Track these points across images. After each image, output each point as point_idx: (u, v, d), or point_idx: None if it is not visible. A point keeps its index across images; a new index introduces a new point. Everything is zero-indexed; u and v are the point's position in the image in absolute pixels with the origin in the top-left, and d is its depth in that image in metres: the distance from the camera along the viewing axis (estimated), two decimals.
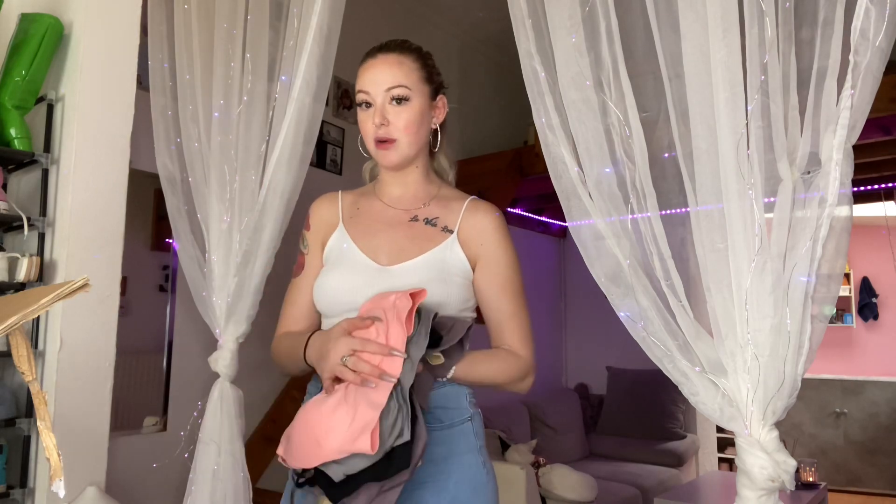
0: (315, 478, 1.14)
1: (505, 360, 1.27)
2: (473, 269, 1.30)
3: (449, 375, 1.20)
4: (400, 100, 1.27)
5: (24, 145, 1.97)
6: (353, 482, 1.09)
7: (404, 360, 1.10)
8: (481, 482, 1.21)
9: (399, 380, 1.10)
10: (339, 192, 1.43)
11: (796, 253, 1.16)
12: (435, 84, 1.35)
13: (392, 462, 1.09)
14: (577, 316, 5.82)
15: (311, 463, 1.12)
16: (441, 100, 1.36)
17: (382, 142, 1.28)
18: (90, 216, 1.96)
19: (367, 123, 1.29)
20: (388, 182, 1.37)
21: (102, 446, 1.96)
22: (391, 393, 1.09)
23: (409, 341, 1.12)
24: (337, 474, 1.09)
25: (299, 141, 1.83)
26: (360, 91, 1.30)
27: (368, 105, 1.29)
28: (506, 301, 1.30)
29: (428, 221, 1.31)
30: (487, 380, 1.25)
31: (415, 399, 1.12)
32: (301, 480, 1.16)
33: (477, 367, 1.23)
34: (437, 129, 1.37)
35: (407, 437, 1.08)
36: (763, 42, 1.16)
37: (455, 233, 1.30)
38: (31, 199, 2.03)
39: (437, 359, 1.18)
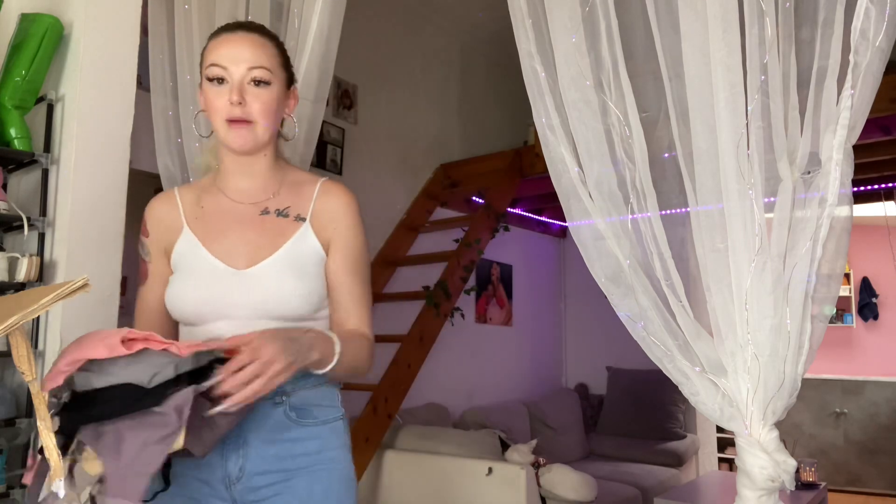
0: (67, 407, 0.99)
1: (364, 347, 1.25)
2: (327, 254, 1.27)
3: (335, 361, 1.15)
4: (260, 82, 1.20)
5: (24, 145, 1.97)
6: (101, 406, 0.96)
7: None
8: (351, 478, 1.24)
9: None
10: (175, 189, 1.34)
11: (796, 253, 1.16)
12: (290, 72, 1.30)
13: (151, 392, 0.96)
14: (577, 316, 5.82)
15: (60, 363, 1.00)
16: (294, 90, 1.31)
17: (236, 122, 1.20)
18: (90, 216, 1.96)
19: (219, 100, 1.20)
20: (233, 171, 1.29)
21: None
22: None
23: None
24: (85, 382, 0.97)
25: (299, 141, 1.83)
26: (213, 65, 1.21)
27: (221, 81, 1.20)
28: (357, 285, 1.28)
29: (279, 213, 1.26)
30: (356, 365, 1.23)
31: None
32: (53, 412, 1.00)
33: (350, 351, 1.20)
34: (289, 119, 1.31)
35: (169, 374, 0.97)
36: (763, 42, 1.16)
37: (308, 220, 1.26)
38: (31, 199, 2.02)
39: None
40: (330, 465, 1.20)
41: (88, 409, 0.97)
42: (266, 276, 1.20)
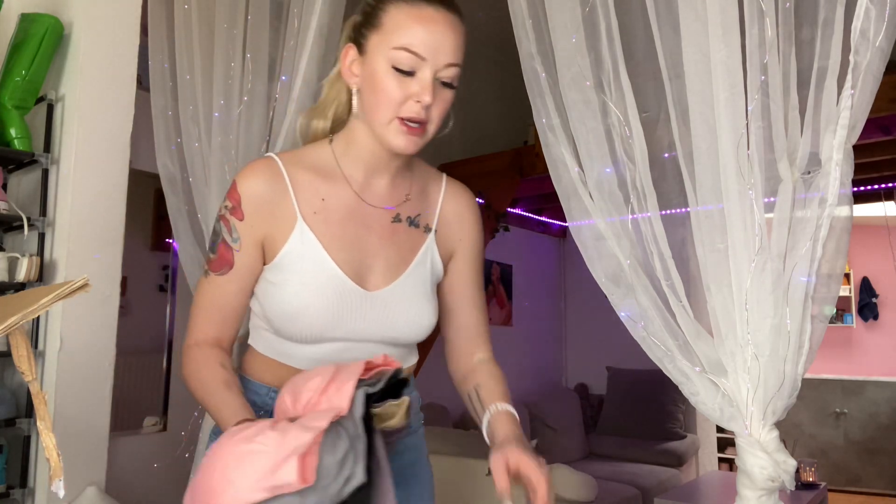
0: None
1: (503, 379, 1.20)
2: (444, 268, 1.15)
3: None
4: (450, 85, 1.02)
5: (24, 145, 1.97)
6: None
7: (357, 389, 0.84)
8: (432, 484, 1.22)
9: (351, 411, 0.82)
10: (279, 162, 1.06)
11: (796, 253, 1.16)
12: None
13: None
14: (577, 316, 5.82)
15: None
16: None
17: (413, 122, 0.99)
18: (90, 216, 1.96)
19: (399, 91, 0.98)
20: (370, 164, 1.08)
21: (102, 446, 1.96)
22: (338, 422, 0.81)
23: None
24: None
25: (300, 141, 1.82)
26: (408, 51, 0.97)
27: (409, 71, 0.98)
28: (482, 298, 1.21)
29: (411, 221, 1.12)
30: None
31: (376, 439, 0.85)
32: None
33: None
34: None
35: (360, 478, 0.78)
36: (763, 42, 1.16)
37: (434, 230, 1.14)
38: (31, 199, 2.03)
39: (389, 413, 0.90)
40: (420, 476, 1.17)
41: None
42: (399, 300, 1.06)
